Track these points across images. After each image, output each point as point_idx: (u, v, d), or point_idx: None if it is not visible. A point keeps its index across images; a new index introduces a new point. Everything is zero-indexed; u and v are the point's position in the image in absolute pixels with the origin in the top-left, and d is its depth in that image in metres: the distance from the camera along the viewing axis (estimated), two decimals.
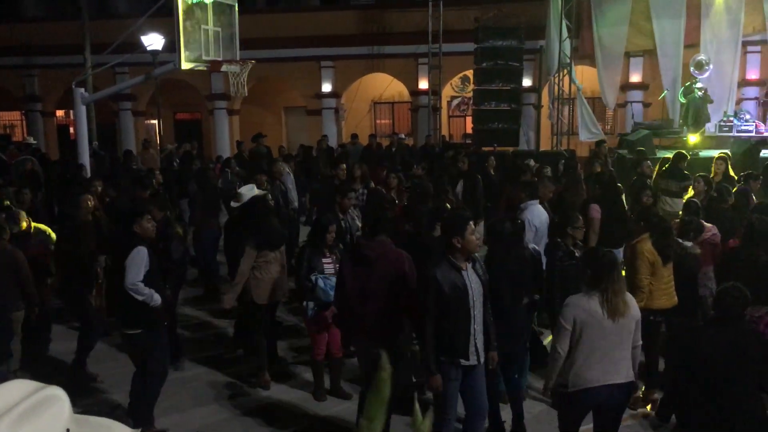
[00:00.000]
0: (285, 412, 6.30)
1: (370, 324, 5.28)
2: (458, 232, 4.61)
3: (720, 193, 7.75)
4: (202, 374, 7.07)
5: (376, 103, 24.92)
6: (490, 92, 18.23)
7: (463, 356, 4.73)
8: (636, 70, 20.26)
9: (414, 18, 20.72)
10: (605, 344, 4.32)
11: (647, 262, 5.89)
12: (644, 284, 5.87)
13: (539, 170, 10.50)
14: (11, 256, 6.30)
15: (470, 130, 20.41)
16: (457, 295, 4.62)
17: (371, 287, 5.24)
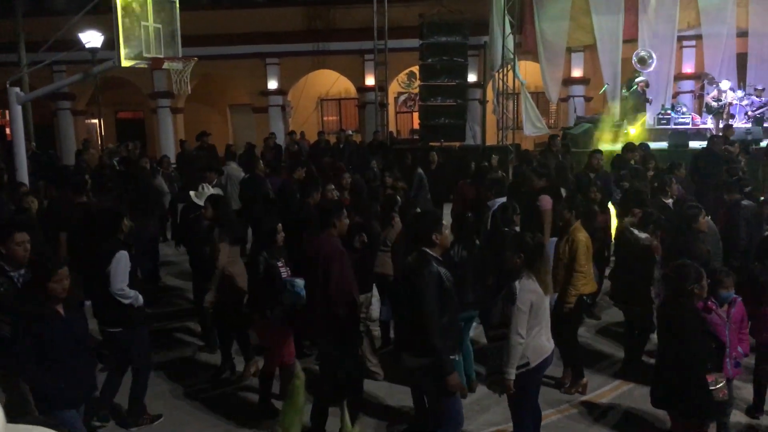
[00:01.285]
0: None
1: (317, 320, 5.31)
2: (437, 228, 4.77)
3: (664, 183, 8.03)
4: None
5: (323, 99, 24.84)
6: (435, 88, 18.34)
7: (456, 351, 4.90)
8: (577, 65, 20.70)
9: (359, 14, 20.71)
10: (546, 317, 4.77)
11: (585, 248, 6.13)
12: (585, 269, 6.13)
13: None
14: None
15: (417, 126, 20.54)
16: (452, 288, 4.75)
17: (313, 283, 5.33)
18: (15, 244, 4.90)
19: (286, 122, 22.88)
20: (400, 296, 4.92)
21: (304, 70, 22.65)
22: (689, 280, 4.27)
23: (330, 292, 5.19)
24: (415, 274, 4.65)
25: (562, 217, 6.37)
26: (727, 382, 5.11)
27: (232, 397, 6.53)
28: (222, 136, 22.35)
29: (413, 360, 4.73)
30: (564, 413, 6.00)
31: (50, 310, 4.43)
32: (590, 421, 5.91)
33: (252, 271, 6.06)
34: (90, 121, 24.32)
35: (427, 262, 4.65)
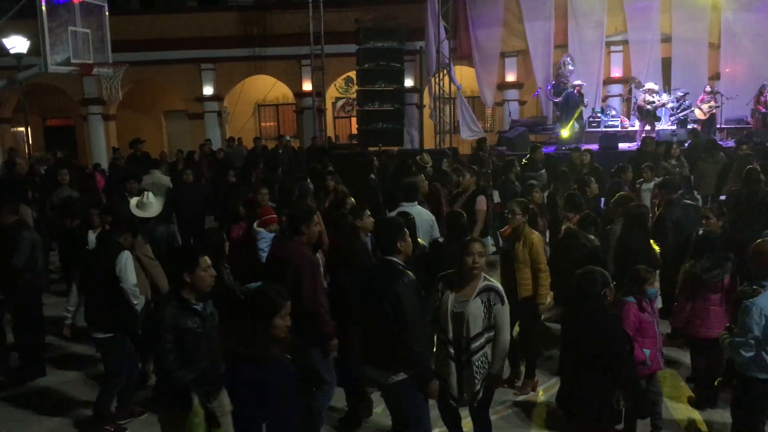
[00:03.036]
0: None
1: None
2: (401, 236, 4.57)
3: (581, 184, 8.26)
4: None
5: (260, 105, 24.62)
6: (373, 93, 18.46)
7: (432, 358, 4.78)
8: (511, 70, 21.11)
9: (295, 19, 20.65)
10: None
11: (541, 247, 6.25)
12: (545, 268, 6.21)
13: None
14: None
15: (356, 131, 20.60)
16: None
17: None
18: (202, 269, 4.17)
19: (222, 128, 22.58)
20: (366, 308, 4.60)
21: (241, 76, 22.41)
22: (598, 285, 4.28)
23: (304, 305, 5.04)
24: (390, 285, 4.34)
25: (513, 221, 6.36)
26: (654, 376, 5.30)
27: None
28: (156, 144, 21.91)
29: (382, 374, 4.47)
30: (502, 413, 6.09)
31: (273, 354, 3.82)
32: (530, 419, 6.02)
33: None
34: (16, 129, 23.44)
35: (400, 271, 4.44)
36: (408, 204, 7.20)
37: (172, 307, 4.07)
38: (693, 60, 19.09)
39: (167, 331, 3.99)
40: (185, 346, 4.01)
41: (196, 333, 4.05)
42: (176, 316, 4.03)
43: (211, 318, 4.21)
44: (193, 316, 4.10)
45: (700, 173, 11.88)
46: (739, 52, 18.93)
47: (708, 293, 5.58)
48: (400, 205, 7.25)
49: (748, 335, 4.34)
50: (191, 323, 4.06)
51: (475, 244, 4.60)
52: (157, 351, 4.09)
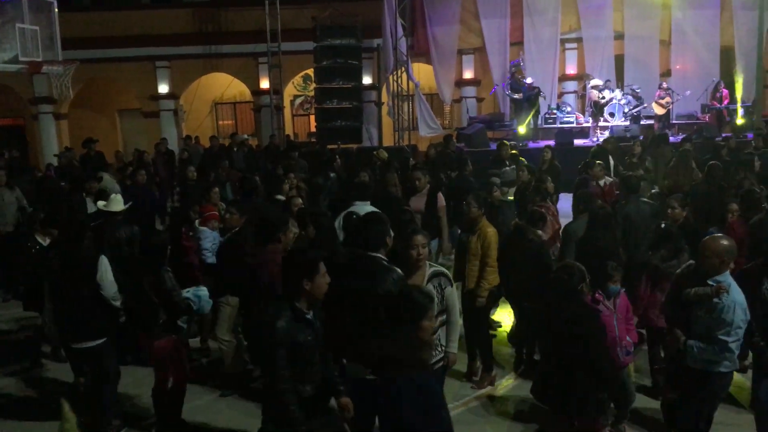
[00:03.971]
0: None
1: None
2: (387, 232, 4.63)
3: (541, 181, 8.36)
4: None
5: (217, 103, 24.32)
6: (331, 90, 18.41)
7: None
8: (468, 67, 21.25)
9: (251, 16, 20.44)
10: None
11: (495, 242, 6.36)
12: (495, 263, 6.33)
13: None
14: None
15: (315, 129, 20.52)
16: None
17: (255, 294, 5.15)
18: (321, 276, 3.93)
19: (179, 127, 22.24)
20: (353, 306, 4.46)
21: (197, 74, 22.09)
22: (575, 279, 4.38)
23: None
24: (378, 282, 4.28)
25: (470, 213, 6.45)
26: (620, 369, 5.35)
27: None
28: (111, 143, 21.45)
29: (358, 368, 4.44)
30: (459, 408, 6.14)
31: (425, 359, 3.68)
32: (487, 413, 6.09)
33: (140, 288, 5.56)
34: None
35: (388, 267, 4.42)
36: (361, 203, 7.17)
37: (286, 319, 3.79)
38: (645, 57, 19.48)
39: (281, 346, 3.74)
40: (298, 362, 3.79)
41: (309, 345, 3.84)
42: (290, 330, 3.78)
43: (320, 328, 3.99)
44: (306, 327, 3.87)
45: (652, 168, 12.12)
46: (689, 49, 19.40)
47: (665, 283, 5.65)
48: (353, 204, 7.21)
49: (738, 331, 4.40)
50: (304, 336, 3.83)
51: (416, 237, 4.65)
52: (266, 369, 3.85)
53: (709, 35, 19.24)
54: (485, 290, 6.32)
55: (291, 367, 3.75)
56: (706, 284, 4.48)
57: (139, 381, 6.65)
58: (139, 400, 6.44)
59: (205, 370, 7.07)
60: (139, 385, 6.62)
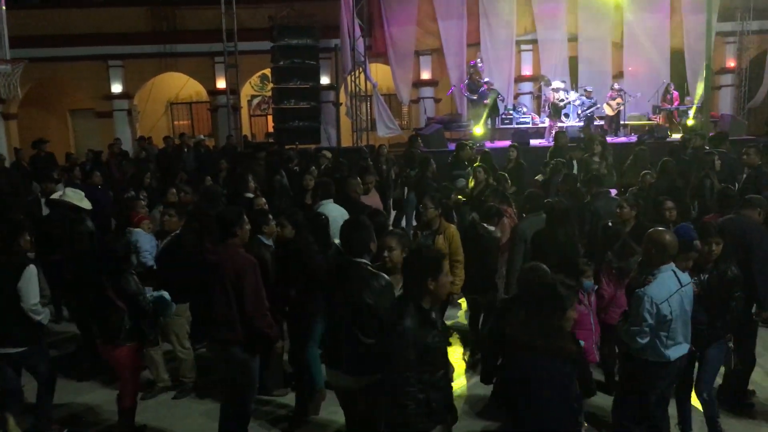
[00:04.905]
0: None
1: (225, 332, 5.08)
2: (372, 237, 4.53)
3: (498, 182, 8.47)
4: None
5: (172, 103, 23.97)
6: (289, 90, 18.32)
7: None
8: (426, 68, 21.37)
9: (207, 15, 20.19)
10: None
11: (459, 239, 6.48)
12: (462, 260, 6.46)
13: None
14: None
15: (272, 129, 20.38)
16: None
17: (216, 293, 5.04)
18: (444, 275, 3.79)
19: (133, 127, 21.85)
20: (339, 311, 4.41)
21: (151, 73, 21.72)
22: (546, 279, 4.38)
23: (246, 308, 4.93)
24: (364, 288, 4.21)
25: (427, 214, 6.50)
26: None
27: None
28: (63, 144, 20.95)
29: (352, 380, 4.33)
30: None
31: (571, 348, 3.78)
32: None
33: (103, 293, 5.46)
34: None
35: (373, 273, 4.32)
36: (325, 202, 7.21)
37: (413, 320, 3.59)
38: (598, 59, 19.86)
39: (409, 349, 3.55)
40: (426, 366, 3.63)
41: (437, 348, 3.70)
42: (418, 330, 3.59)
43: (445, 328, 3.89)
44: (432, 329, 3.70)
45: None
46: (640, 51, 19.83)
47: (622, 281, 5.77)
48: (320, 203, 7.25)
49: (643, 324, 4.51)
50: (432, 338, 3.67)
51: (384, 239, 4.61)
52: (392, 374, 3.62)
53: (660, 38, 19.71)
54: (458, 287, 6.51)
55: (418, 371, 3.58)
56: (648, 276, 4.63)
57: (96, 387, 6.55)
58: (100, 409, 6.32)
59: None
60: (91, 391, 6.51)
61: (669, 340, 4.58)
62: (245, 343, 5.05)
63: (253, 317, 4.95)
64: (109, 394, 6.17)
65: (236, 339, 5.00)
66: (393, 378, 3.63)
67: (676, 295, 4.54)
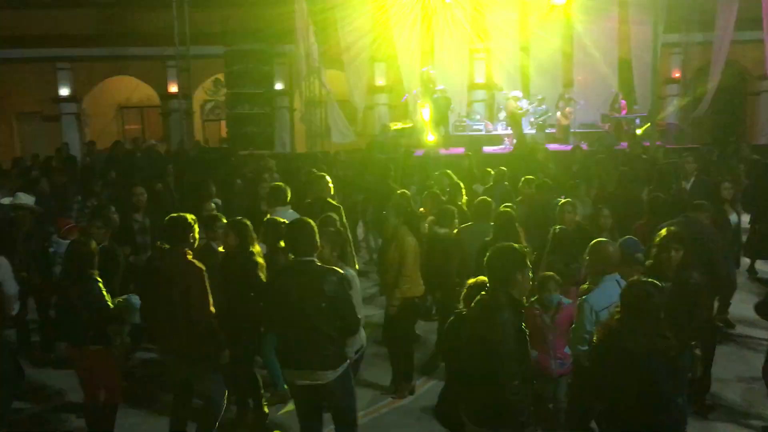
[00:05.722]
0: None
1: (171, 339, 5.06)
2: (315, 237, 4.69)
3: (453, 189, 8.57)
4: None
5: (123, 107, 23.53)
6: (242, 96, 18.17)
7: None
8: (380, 75, 21.44)
9: (159, 18, 19.88)
10: None
11: (413, 252, 6.40)
12: (411, 273, 6.38)
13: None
14: None
15: (226, 134, 20.17)
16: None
17: (164, 300, 5.03)
18: (529, 269, 3.97)
19: (82, 131, 21.36)
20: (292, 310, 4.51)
21: (101, 76, 21.30)
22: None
23: (194, 318, 4.95)
24: (322, 283, 4.41)
25: (388, 224, 6.47)
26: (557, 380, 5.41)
27: None
28: (7, 148, 20.39)
29: (319, 374, 4.45)
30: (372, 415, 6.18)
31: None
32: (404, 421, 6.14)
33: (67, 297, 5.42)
34: None
35: (328, 268, 4.56)
36: (281, 209, 7.11)
37: (508, 311, 3.71)
38: (549, 68, 20.19)
39: (509, 340, 3.65)
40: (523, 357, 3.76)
41: (526, 338, 3.80)
42: (514, 322, 3.70)
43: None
44: (521, 321, 3.80)
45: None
46: (589, 61, 20.19)
47: (568, 286, 5.81)
48: (275, 209, 7.13)
49: (584, 331, 4.59)
50: (524, 328, 3.78)
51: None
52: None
53: (608, 48, 20.13)
54: (396, 299, 6.36)
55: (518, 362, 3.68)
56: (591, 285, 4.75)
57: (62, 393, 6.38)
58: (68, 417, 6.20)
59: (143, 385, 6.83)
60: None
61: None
62: (195, 351, 5.01)
63: (197, 321, 4.96)
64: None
65: (182, 347, 5.01)
66: (498, 370, 3.68)
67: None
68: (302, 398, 4.67)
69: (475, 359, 3.75)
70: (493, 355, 3.66)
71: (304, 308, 4.38)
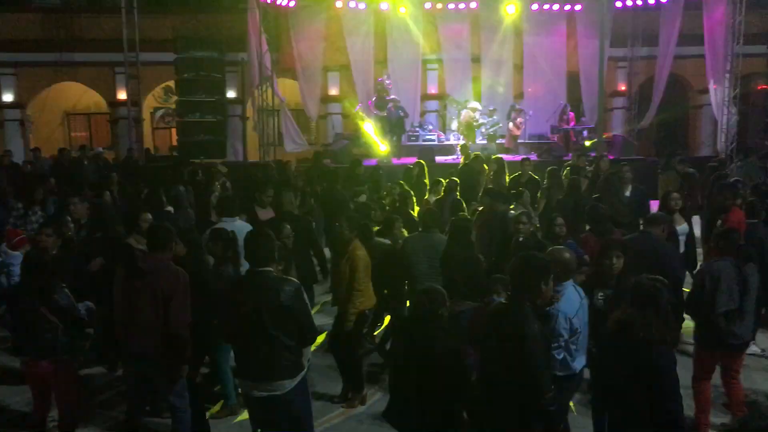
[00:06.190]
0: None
1: (140, 343, 5.01)
2: (275, 247, 4.71)
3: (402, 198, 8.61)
4: None
5: (69, 114, 22.97)
6: (194, 103, 17.95)
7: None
8: (334, 84, 21.44)
9: (108, 24, 19.54)
10: None
11: (364, 265, 6.36)
12: (364, 287, 6.35)
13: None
14: None
15: (176, 143, 19.88)
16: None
17: (141, 302, 4.99)
18: (551, 278, 4.17)
19: (26, 138, 20.77)
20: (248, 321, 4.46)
21: (46, 82, 20.75)
22: (436, 303, 4.37)
23: (170, 325, 4.95)
24: (279, 293, 4.39)
25: (342, 237, 6.43)
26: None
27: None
28: None
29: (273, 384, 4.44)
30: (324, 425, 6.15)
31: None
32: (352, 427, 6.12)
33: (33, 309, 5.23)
34: None
35: (284, 278, 4.59)
36: (229, 219, 7.02)
37: (535, 318, 3.89)
38: (500, 79, 20.52)
39: (542, 349, 3.83)
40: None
41: (549, 346, 4.03)
42: (542, 330, 3.91)
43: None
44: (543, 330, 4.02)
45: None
46: (539, 73, 20.64)
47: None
48: (221, 220, 7.06)
49: (560, 339, 4.55)
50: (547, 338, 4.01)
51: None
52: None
53: (557, 61, 20.59)
54: (352, 314, 6.32)
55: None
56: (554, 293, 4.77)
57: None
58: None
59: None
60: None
61: (576, 351, 4.68)
62: (166, 358, 5.04)
63: (176, 326, 4.97)
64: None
65: (155, 352, 5.00)
66: (534, 380, 3.84)
67: (581, 308, 4.69)
68: (258, 410, 4.60)
69: (507, 369, 3.89)
70: (526, 367, 3.82)
71: (262, 318, 4.35)
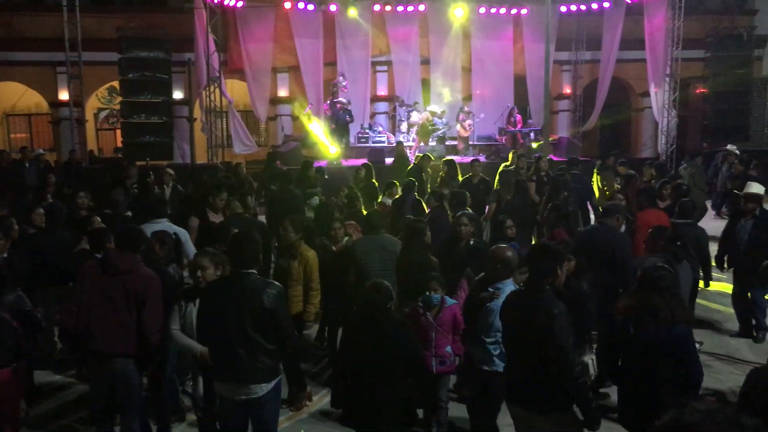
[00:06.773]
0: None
1: (109, 343, 4.90)
2: (259, 249, 4.74)
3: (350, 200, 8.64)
4: None
5: (8, 115, 22.26)
6: (139, 104, 17.58)
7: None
8: (283, 85, 21.31)
9: (48, 23, 19.01)
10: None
11: (316, 265, 6.43)
12: (317, 286, 6.44)
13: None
14: None
15: (121, 144, 19.45)
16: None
17: (116, 301, 4.89)
18: (564, 266, 4.56)
19: None
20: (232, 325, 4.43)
21: None
22: (383, 297, 4.47)
23: (144, 326, 4.90)
24: (261, 295, 4.35)
25: (287, 239, 6.41)
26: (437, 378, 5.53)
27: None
28: None
29: (250, 387, 4.40)
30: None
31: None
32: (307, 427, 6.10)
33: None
34: None
35: (268, 281, 4.58)
36: (159, 220, 7.05)
37: (560, 302, 4.04)
38: (449, 82, 20.72)
39: (567, 333, 3.93)
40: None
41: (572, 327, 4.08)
42: (566, 313, 4.00)
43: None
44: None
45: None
46: (487, 76, 20.95)
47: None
48: (153, 221, 7.02)
49: (497, 334, 4.70)
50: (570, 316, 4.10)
51: (197, 258, 5.06)
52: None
53: (504, 64, 20.93)
54: (311, 314, 6.44)
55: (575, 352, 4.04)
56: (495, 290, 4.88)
57: None
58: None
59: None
60: None
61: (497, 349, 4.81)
62: (137, 358, 4.99)
63: (149, 328, 4.93)
64: None
65: (129, 352, 4.93)
66: (564, 356, 3.94)
67: None
68: (234, 413, 4.55)
69: (531, 349, 4.05)
70: (554, 345, 3.94)
71: (242, 321, 4.31)
